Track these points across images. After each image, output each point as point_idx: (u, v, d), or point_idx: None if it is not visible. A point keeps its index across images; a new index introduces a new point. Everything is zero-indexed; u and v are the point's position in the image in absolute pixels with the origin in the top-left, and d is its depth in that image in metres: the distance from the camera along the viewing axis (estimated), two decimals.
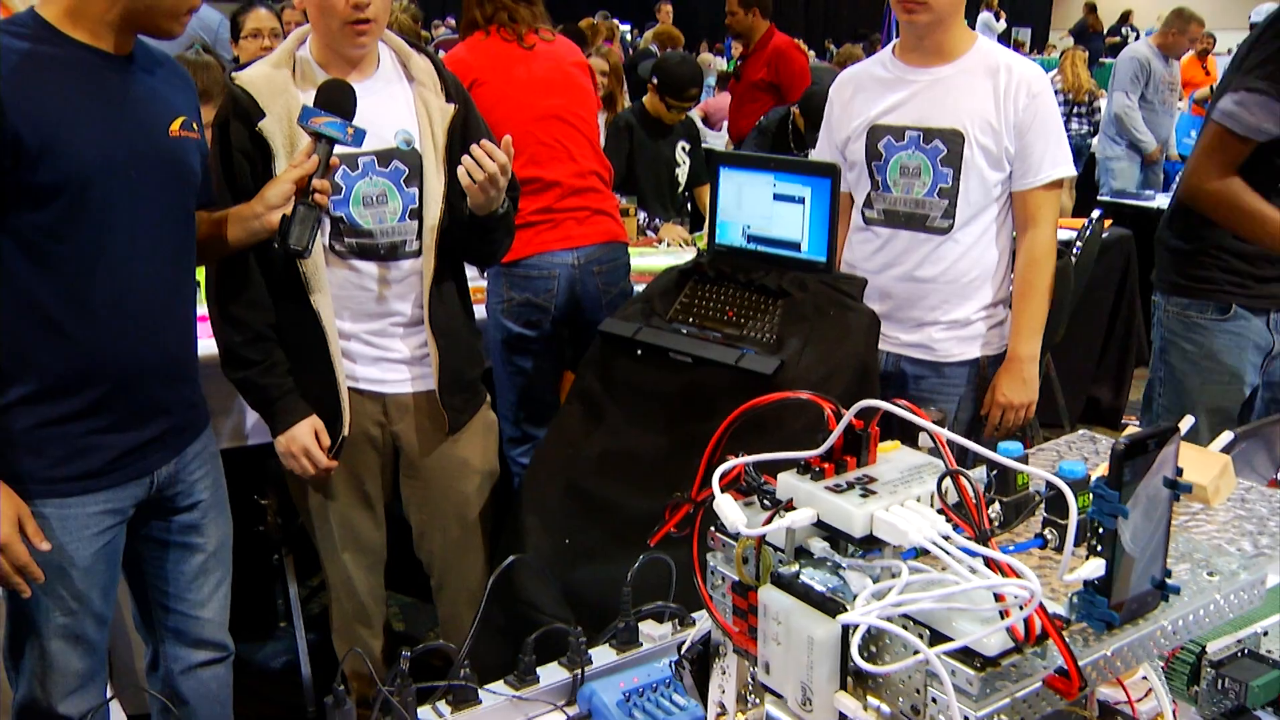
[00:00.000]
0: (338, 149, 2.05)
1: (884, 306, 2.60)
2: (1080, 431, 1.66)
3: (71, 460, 1.78)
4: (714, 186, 2.45)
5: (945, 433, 0.97)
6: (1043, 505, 1.15)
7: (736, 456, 1.09)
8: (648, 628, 1.52)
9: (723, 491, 1.07)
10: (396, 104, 2.26)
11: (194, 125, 1.91)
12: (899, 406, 0.99)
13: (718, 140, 7.11)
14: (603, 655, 1.48)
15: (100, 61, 1.74)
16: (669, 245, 4.21)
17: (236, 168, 2.14)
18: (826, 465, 1.03)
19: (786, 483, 1.05)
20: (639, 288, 2.90)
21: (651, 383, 2.34)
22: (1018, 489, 1.19)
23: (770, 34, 5.82)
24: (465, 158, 2.15)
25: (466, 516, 2.49)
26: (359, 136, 2.03)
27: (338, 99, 2.05)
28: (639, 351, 2.36)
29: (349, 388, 2.30)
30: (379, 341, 2.32)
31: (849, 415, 1.02)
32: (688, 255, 3.44)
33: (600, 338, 2.46)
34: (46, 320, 1.72)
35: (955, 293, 2.60)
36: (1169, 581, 1.07)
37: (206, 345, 2.17)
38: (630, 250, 3.36)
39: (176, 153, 1.86)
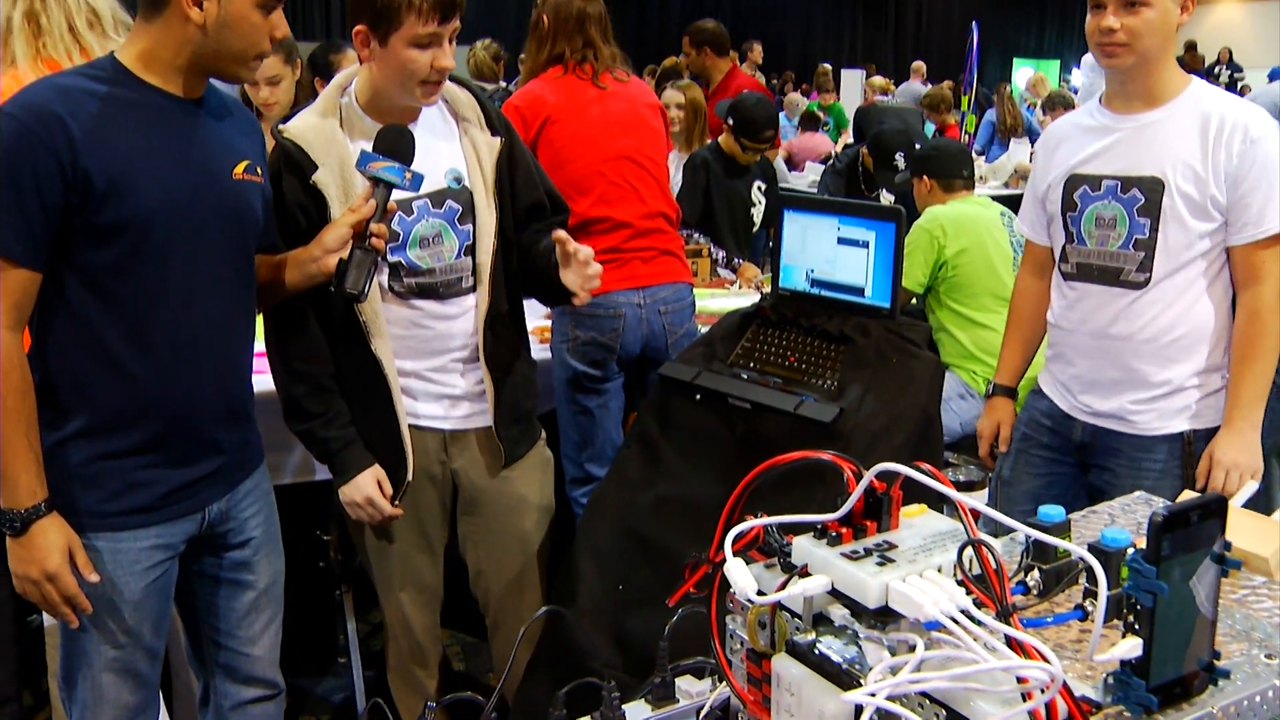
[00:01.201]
0: (394, 194, 2.06)
1: (1077, 368, 2.45)
2: (1137, 493, 1.58)
3: (124, 495, 1.80)
4: (778, 229, 2.43)
5: (968, 499, 0.92)
6: (1085, 574, 1.09)
7: (756, 515, 1.05)
8: (686, 683, 1.48)
9: (740, 553, 1.03)
10: (444, 143, 2.27)
11: (258, 169, 1.94)
12: (920, 470, 0.94)
13: (800, 181, 7.08)
14: (637, 711, 1.43)
15: (170, 105, 1.78)
16: (740, 287, 4.16)
17: (292, 221, 2.16)
18: (845, 530, 0.99)
19: (802, 547, 1.00)
20: (704, 329, 2.87)
21: (710, 428, 2.31)
22: (1059, 555, 1.13)
23: (733, 74, 5.65)
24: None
25: (524, 554, 2.48)
26: (417, 181, 2.04)
27: (396, 145, 2.06)
28: (698, 396, 2.34)
29: (413, 426, 2.31)
30: (439, 378, 2.32)
31: (869, 476, 0.97)
32: (756, 298, 3.41)
33: (661, 381, 2.44)
34: (107, 356, 1.75)
35: (1155, 354, 2.35)
36: (1218, 664, 1.00)
37: (264, 381, 2.21)
38: (701, 291, 3.34)
39: (239, 196, 1.89)
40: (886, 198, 5.35)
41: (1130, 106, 2.38)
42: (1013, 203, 3.93)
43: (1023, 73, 16.28)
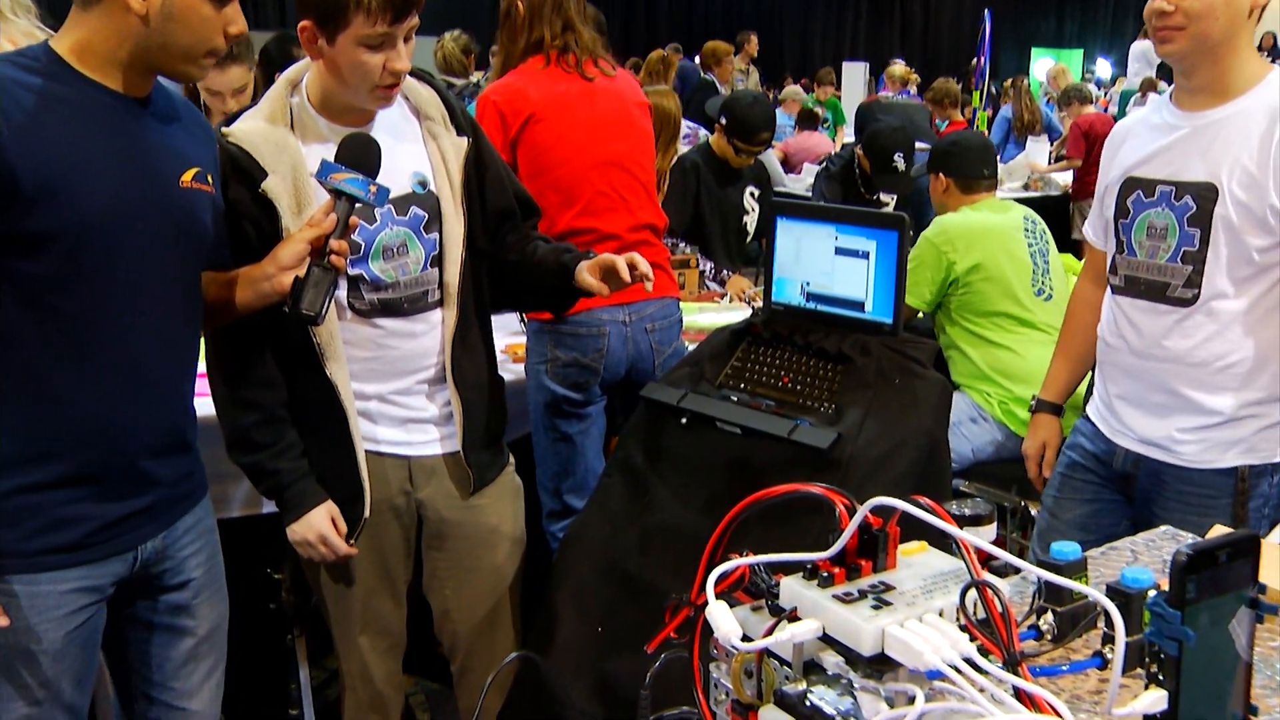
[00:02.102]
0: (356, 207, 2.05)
1: (1121, 388, 2.42)
2: (1163, 528, 1.57)
3: (46, 532, 1.76)
4: (770, 239, 2.42)
5: (971, 538, 0.91)
6: (1104, 618, 1.08)
7: (740, 554, 1.04)
8: None
9: (724, 595, 1.02)
10: (407, 144, 2.26)
11: (208, 178, 1.92)
12: (918, 505, 0.93)
13: (798, 185, 7.10)
14: None
15: (111, 102, 1.75)
16: (731, 300, 4.16)
17: (239, 234, 2.13)
18: (838, 569, 0.98)
19: (791, 589, 0.99)
20: (692, 347, 2.86)
21: (698, 455, 2.31)
22: (1075, 596, 1.12)
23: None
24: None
25: (495, 591, 2.47)
26: (382, 196, 2.04)
27: (361, 155, 2.05)
28: (684, 420, 2.33)
29: (371, 452, 2.30)
30: (403, 401, 2.31)
31: (862, 511, 0.96)
32: (747, 313, 3.41)
33: (644, 404, 2.44)
34: (36, 377, 1.72)
35: (1206, 379, 2.28)
36: None
37: (208, 405, 2.18)
38: (688, 305, 3.33)
39: (187, 205, 1.86)
40: (888, 200, 5.37)
41: (1195, 102, 2.29)
42: (1031, 208, 3.96)
43: (1042, 64, 16.27)
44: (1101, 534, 2.41)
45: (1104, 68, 19.20)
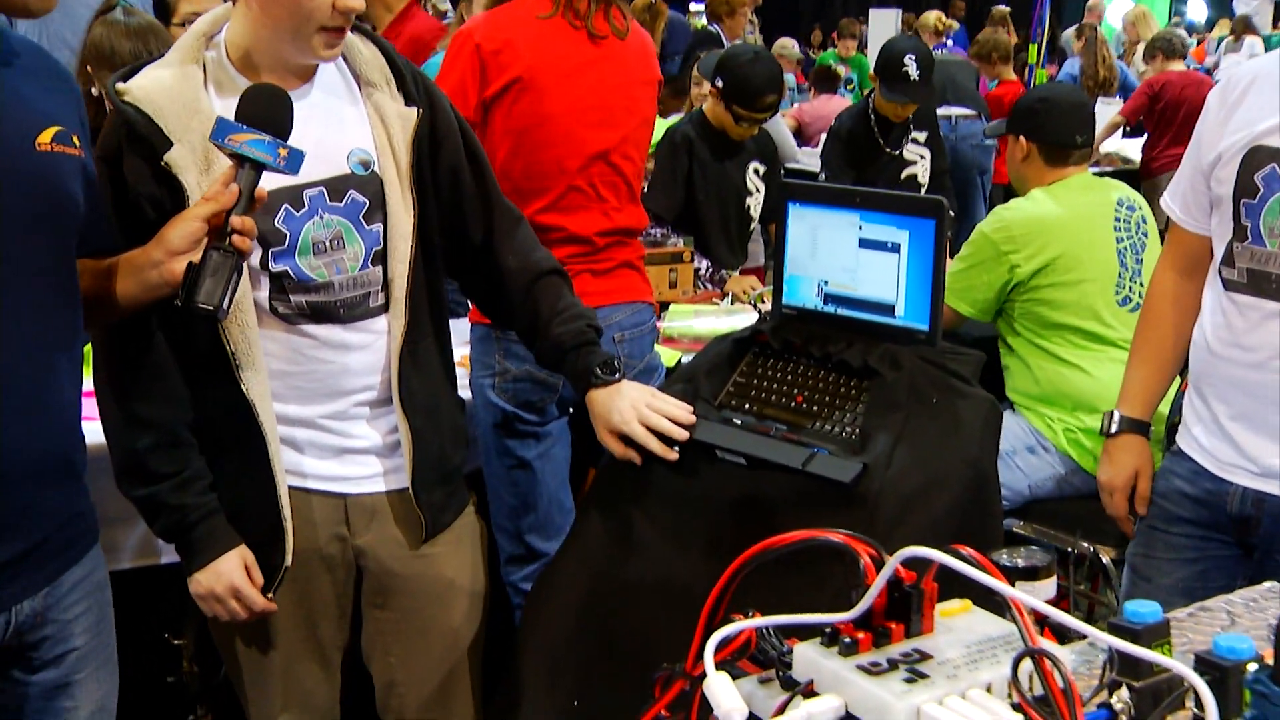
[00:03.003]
0: (271, 180, 2.04)
1: (1234, 408, 2.41)
2: (1268, 585, 1.58)
3: None
4: (781, 227, 2.44)
5: (1026, 596, 0.92)
6: (1192, 696, 1.09)
7: (745, 615, 1.05)
8: None
9: (725, 664, 1.03)
10: (346, 116, 2.27)
11: (74, 139, 1.88)
12: (959, 556, 0.94)
13: (814, 162, 7.12)
14: None
15: None
16: (732, 303, 4.18)
17: (136, 216, 2.12)
18: (863, 634, 0.99)
19: (806, 657, 1.00)
20: (685, 359, 2.87)
21: (694, 490, 2.32)
22: (1155, 669, 1.13)
23: (409, 12, 5.53)
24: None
25: (450, 658, 2.48)
26: (295, 160, 2.02)
27: (267, 110, 2.03)
28: (677, 448, 2.34)
29: (297, 488, 2.29)
30: (338, 427, 2.32)
31: (892, 564, 0.97)
32: (753, 319, 3.42)
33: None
34: None
35: None
36: None
37: (96, 431, 2.17)
38: (682, 309, 3.34)
39: (47, 172, 1.83)
40: (916, 152, 5.44)
41: None
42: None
43: (1117, 6, 16.14)
44: None
45: (1197, 7, 19.13)
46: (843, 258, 2.35)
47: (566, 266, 3.07)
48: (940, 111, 6.57)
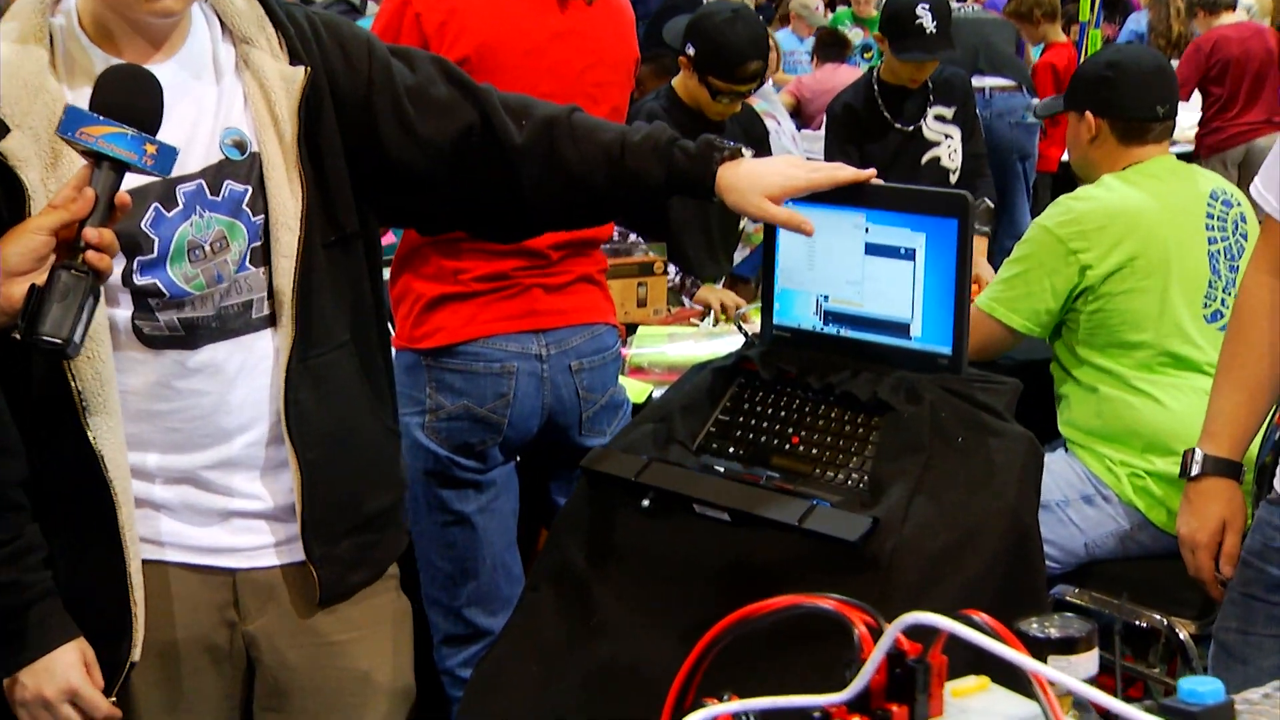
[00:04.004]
0: (133, 181, 2.03)
1: None
2: None
3: None
4: (770, 233, 2.47)
5: (1058, 675, 0.96)
6: None
7: (720, 697, 1.08)
8: None
9: None
10: (223, 88, 2.25)
11: None
12: (971, 624, 0.98)
13: (814, 147, 7.14)
14: None
15: None
16: (714, 323, 4.19)
17: None
18: (858, 718, 1.02)
19: None
20: (657, 393, 2.89)
21: (669, 554, 2.34)
22: None
23: None
24: None
25: None
26: (166, 158, 2.00)
27: (128, 96, 2.02)
28: (647, 501, 2.36)
29: (175, 564, 2.28)
30: (223, 482, 2.28)
31: (891, 633, 1.01)
32: (739, 342, 3.44)
33: (585, 479, 2.47)
34: None
35: None
36: None
37: None
38: (653, 331, 3.34)
39: None
40: (940, 130, 5.44)
41: None
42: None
43: None
44: None
45: None
46: (846, 267, 2.37)
47: (513, 281, 3.12)
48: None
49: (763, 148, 4.83)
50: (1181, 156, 7.76)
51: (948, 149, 5.54)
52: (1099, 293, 3.52)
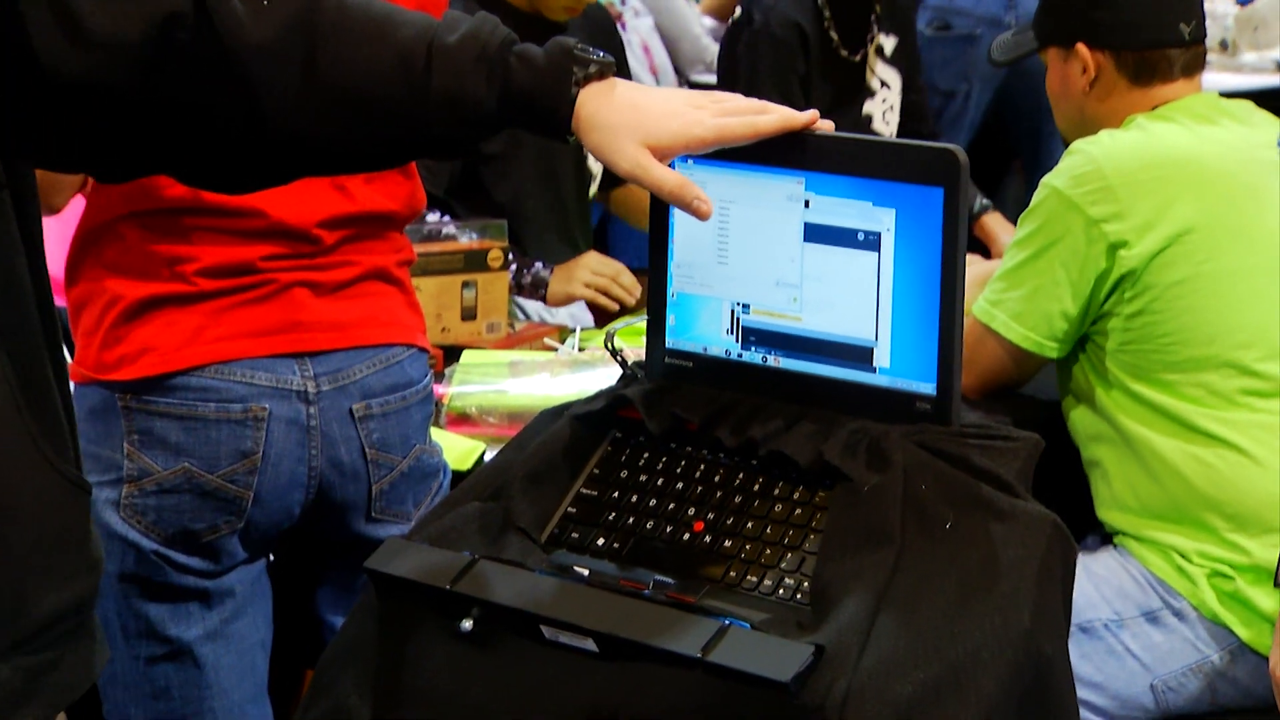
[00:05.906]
0: None
1: None
2: None
3: None
4: (660, 207, 2.47)
5: None
6: None
7: None
8: None
9: None
10: None
11: None
12: None
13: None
14: None
15: None
16: (575, 349, 4.21)
17: None
18: None
19: None
20: (490, 453, 2.90)
21: (505, 701, 2.36)
22: None
23: None
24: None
25: None
26: None
27: None
28: (469, 624, 2.36)
29: None
30: None
31: None
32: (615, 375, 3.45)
33: (375, 588, 2.47)
34: None
35: None
36: None
37: None
38: (489, 357, 3.34)
39: None
40: (881, 73, 5.54)
41: None
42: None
43: None
44: None
45: None
46: (775, 261, 2.39)
47: (263, 276, 3.13)
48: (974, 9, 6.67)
49: (623, 68, 4.88)
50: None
51: (883, 104, 5.61)
52: (1141, 285, 3.55)
